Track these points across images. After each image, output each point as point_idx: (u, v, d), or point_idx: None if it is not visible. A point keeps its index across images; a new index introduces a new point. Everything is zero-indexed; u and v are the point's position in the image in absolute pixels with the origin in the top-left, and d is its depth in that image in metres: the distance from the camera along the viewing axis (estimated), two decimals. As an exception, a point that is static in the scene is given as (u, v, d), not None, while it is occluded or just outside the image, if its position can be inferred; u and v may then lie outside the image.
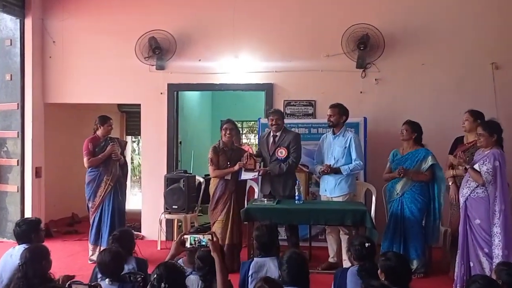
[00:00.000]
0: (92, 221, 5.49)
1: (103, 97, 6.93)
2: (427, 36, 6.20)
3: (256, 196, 5.90)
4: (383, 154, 5.41)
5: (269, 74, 6.47)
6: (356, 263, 3.43)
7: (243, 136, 11.56)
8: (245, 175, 5.14)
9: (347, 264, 4.35)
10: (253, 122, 11.46)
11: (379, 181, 5.47)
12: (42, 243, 3.60)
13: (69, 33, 6.83)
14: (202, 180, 6.59)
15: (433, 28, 6.20)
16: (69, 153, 7.44)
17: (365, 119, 6.02)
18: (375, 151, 5.91)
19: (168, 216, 6.17)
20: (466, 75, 6.14)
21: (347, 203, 5.11)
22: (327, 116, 5.24)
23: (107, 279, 3.13)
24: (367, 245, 3.40)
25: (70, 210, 7.84)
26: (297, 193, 4.95)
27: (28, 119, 6.68)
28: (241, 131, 10.40)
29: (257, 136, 7.88)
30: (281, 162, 5.18)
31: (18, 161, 6.64)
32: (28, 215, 6.38)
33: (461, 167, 4.51)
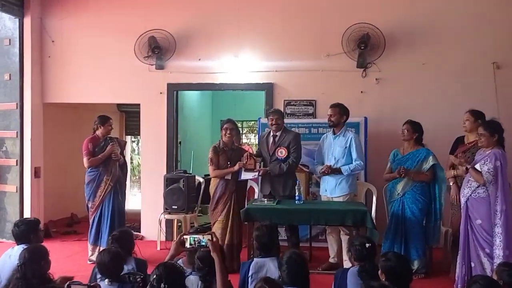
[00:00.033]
0: (91, 221, 5.48)
1: (103, 96, 6.91)
2: (428, 35, 6.18)
3: (256, 196, 5.89)
4: (384, 154, 5.39)
5: (269, 73, 6.46)
6: (356, 264, 3.42)
7: (243, 136, 11.55)
8: (245, 175, 5.13)
9: (347, 264, 4.32)
10: (253, 122, 11.46)
11: (380, 181, 5.45)
12: (41, 244, 3.58)
13: (68, 32, 6.82)
14: (201, 180, 6.58)
15: (434, 27, 6.19)
16: (68, 153, 7.44)
17: (366, 119, 6.01)
18: (376, 151, 5.89)
19: (167, 216, 6.16)
20: (467, 75, 6.13)
21: (347, 203, 5.10)
22: (328, 116, 5.23)
23: (106, 280, 3.12)
24: (367, 245, 3.39)
25: (69, 210, 7.83)
26: (297, 193, 4.94)
27: (27, 119, 6.66)
28: (241, 131, 10.40)
29: (257, 136, 7.87)
30: (281, 162, 5.17)
31: (17, 161, 6.63)
32: (27, 215, 6.36)
33: (461, 166, 4.49)
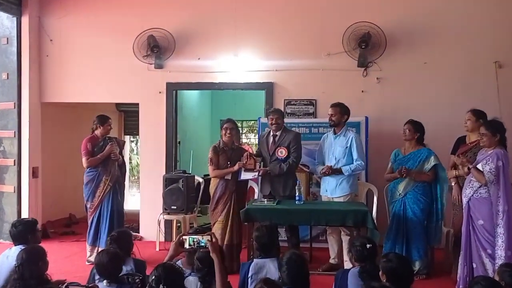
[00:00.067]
0: (90, 222, 5.46)
1: (101, 96, 6.88)
2: (429, 34, 6.16)
3: (256, 196, 5.87)
4: (385, 154, 5.37)
5: (269, 73, 6.43)
6: (357, 265, 3.41)
7: (243, 135, 11.55)
8: (245, 175, 5.11)
9: (348, 265, 4.30)
10: (253, 121, 11.45)
11: (381, 181, 5.43)
12: (38, 244, 3.57)
13: (67, 31, 6.79)
14: (201, 180, 6.57)
15: (436, 26, 6.16)
16: (66, 153, 7.43)
17: (367, 118, 5.99)
18: (377, 151, 5.87)
19: (166, 216, 6.15)
20: (468, 74, 6.10)
21: (348, 203, 5.08)
22: (328, 115, 5.22)
23: (105, 281, 3.11)
24: (368, 246, 3.38)
25: (67, 210, 7.80)
26: (297, 194, 4.92)
27: (25, 119, 6.63)
28: (241, 131, 10.40)
29: (257, 135, 7.85)
30: (281, 162, 5.15)
31: (14, 161, 6.60)
32: (24, 216, 6.35)
33: (462, 166, 4.46)
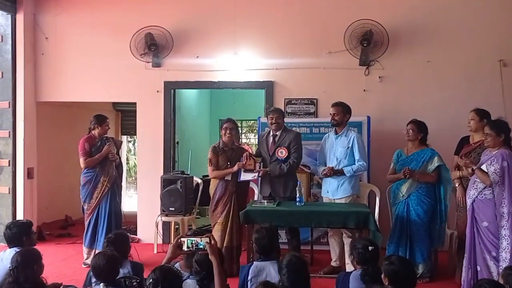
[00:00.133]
0: (87, 224, 5.42)
1: (98, 95, 6.84)
2: (433, 32, 6.12)
3: (255, 197, 5.85)
4: (387, 154, 5.34)
5: (270, 71, 6.39)
6: (359, 267, 3.39)
7: (243, 135, 11.58)
8: (244, 176, 5.08)
9: (350, 268, 4.27)
10: (252, 121, 11.44)
11: (383, 182, 5.41)
12: (34, 247, 3.53)
13: (62, 29, 6.74)
14: (200, 181, 6.55)
15: (439, 24, 6.13)
16: (62, 153, 7.44)
17: (369, 118, 5.96)
18: (379, 151, 5.85)
19: (164, 218, 6.13)
20: (472, 73, 6.07)
21: (350, 205, 5.05)
22: (330, 115, 5.19)
23: (101, 284, 3.09)
24: (370, 248, 3.36)
25: (63, 212, 7.77)
26: (298, 195, 4.89)
27: (19, 118, 6.60)
28: (240, 131, 10.40)
29: (256, 135, 7.82)
30: (282, 162, 5.12)
31: (9, 161, 6.56)
32: (19, 217, 6.30)
33: (466, 168, 4.41)
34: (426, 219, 4.91)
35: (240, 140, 7.33)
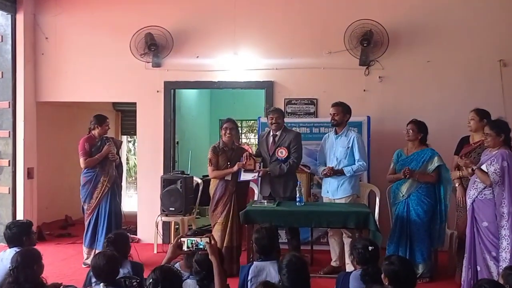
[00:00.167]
0: (87, 224, 5.41)
1: (98, 95, 6.83)
2: (433, 32, 6.11)
3: (255, 197, 5.83)
4: (387, 154, 5.33)
5: (270, 71, 6.37)
6: (359, 267, 3.39)
7: (243, 135, 11.57)
8: (244, 176, 5.07)
9: (350, 268, 4.26)
10: (252, 121, 11.43)
11: (383, 182, 5.39)
12: (34, 247, 3.53)
13: (62, 29, 6.73)
14: (200, 181, 6.53)
15: (439, 24, 6.12)
16: (62, 153, 7.42)
17: (369, 118, 5.94)
18: (379, 151, 5.83)
19: (164, 218, 6.12)
20: (473, 73, 6.06)
21: (350, 205, 5.05)
22: (330, 115, 5.18)
23: (101, 284, 3.08)
24: (370, 248, 3.35)
25: (63, 212, 7.76)
26: (298, 195, 4.88)
27: (19, 118, 6.58)
28: (240, 131, 10.39)
29: (256, 135, 7.82)
30: (282, 162, 5.11)
31: (9, 161, 6.55)
32: (19, 218, 6.29)
33: (466, 168, 4.40)
34: (426, 219, 4.90)
35: (240, 140, 7.33)
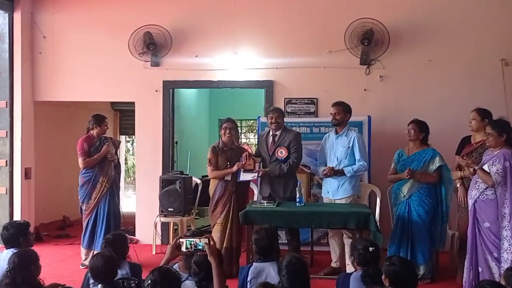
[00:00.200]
0: (85, 225, 5.39)
1: (96, 94, 6.81)
2: (434, 31, 6.10)
3: (255, 198, 5.82)
4: (388, 154, 5.32)
5: (269, 70, 6.36)
6: (359, 268, 3.38)
7: (242, 135, 11.58)
8: (244, 176, 5.06)
9: (350, 269, 4.25)
10: (252, 121, 11.43)
11: (384, 183, 5.38)
12: (31, 248, 3.53)
13: (60, 27, 6.70)
14: (199, 181, 6.51)
15: (440, 23, 6.11)
16: (60, 153, 7.42)
17: (369, 117, 5.93)
18: (380, 151, 5.82)
19: (163, 219, 6.10)
20: (474, 72, 6.04)
21: (350, 205, 5.04)
22: (331, 114, 5.17)
23: (99, 285, 3.09)
24: (371, 249, 3.35)
25: (61, 213, 7.74)
26: (298, 195, 4.87)
27: (17, 118, 6.55)
28: (240, 130, 10.36)
29: (256, 135, 7.81)
30: (281, 162, 5.09)
31: (6, 161, 6.53)
32: (17, 218, 6.28)
33: (468, 168, 4.38)
34: (427, 219, 4.89)
35: (239, 140, 7.32)
